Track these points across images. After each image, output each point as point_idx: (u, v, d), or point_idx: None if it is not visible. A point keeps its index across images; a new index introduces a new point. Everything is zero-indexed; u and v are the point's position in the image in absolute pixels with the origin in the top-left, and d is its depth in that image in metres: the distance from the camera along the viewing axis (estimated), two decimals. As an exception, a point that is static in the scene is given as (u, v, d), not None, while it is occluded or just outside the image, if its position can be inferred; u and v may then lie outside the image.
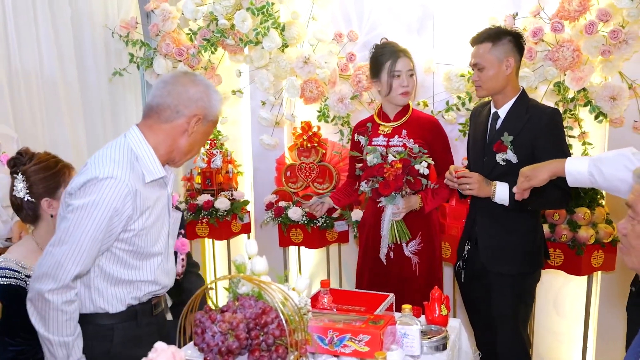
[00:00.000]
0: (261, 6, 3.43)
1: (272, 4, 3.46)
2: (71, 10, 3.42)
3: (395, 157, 2.84)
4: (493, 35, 2.64)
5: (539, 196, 2.58)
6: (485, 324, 2.91)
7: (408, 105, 3.01)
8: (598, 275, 3.34)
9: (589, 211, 3.10)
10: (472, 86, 3.30)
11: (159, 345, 1.48)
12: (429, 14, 3.47)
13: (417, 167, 2.82)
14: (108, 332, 2.00)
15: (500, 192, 2.60)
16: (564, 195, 2.60)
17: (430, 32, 3.47)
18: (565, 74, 3.10)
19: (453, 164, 2.99)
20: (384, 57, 2.93)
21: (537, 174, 2.27)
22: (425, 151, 2.87)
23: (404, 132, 2.94)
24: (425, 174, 2.85)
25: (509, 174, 2.62)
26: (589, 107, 3.13)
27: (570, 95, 3.15)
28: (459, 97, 3.38)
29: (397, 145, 2.93)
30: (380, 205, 2.93)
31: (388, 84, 2.93)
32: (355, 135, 3.11)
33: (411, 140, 2.90)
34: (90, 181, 1.84)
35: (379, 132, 3.01)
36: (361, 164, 2.99)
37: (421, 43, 3.45)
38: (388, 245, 2.96)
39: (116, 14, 3.81)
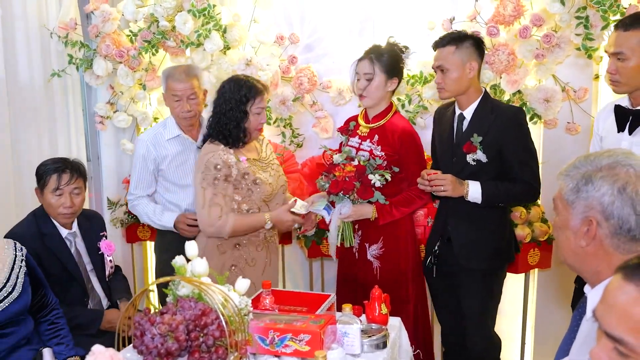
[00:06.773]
0: (202, 8, 3.40)
1: (214, 6, 3.44)
2: (2, 11, 3.32)
3: (359, 163, 2.84)
4: (456, 39, 2.72)
5: (507, 192, 2.68)
6: (454, 320, 2.98)
7: (389, 108, 2.98)
8: (535, 273, 3.43)
9: (525, 210, 3.19)
10: (411, 88, 3.37)
11: (97, 348, 1.46)
12: (369, 17, 3.51)
13: (370, 177, 2.79)
14: None
15: (473, 191, 2.69)
16: (530, 189, 2.72)
17: (371, 35, 3.50)
18: (501, 77, 3.18)
19: None
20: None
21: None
22: (397, 170, 2.84)
23: (376, 137, 2.92)
24: (378, 186, 2.79)
25: (479, 173, 2.73)
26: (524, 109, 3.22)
27: (506, 97, 3.24)
28: (399, 99, 3.43)
29: (365, 150, 2.92)
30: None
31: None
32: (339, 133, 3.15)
33: (379, 147, 2.89)
34: None
35: (358, 132, 3.01)
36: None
37: (362, 45, 3.48)
38: (353, 246, 2.97)
39: (55, 15, 3.71)
